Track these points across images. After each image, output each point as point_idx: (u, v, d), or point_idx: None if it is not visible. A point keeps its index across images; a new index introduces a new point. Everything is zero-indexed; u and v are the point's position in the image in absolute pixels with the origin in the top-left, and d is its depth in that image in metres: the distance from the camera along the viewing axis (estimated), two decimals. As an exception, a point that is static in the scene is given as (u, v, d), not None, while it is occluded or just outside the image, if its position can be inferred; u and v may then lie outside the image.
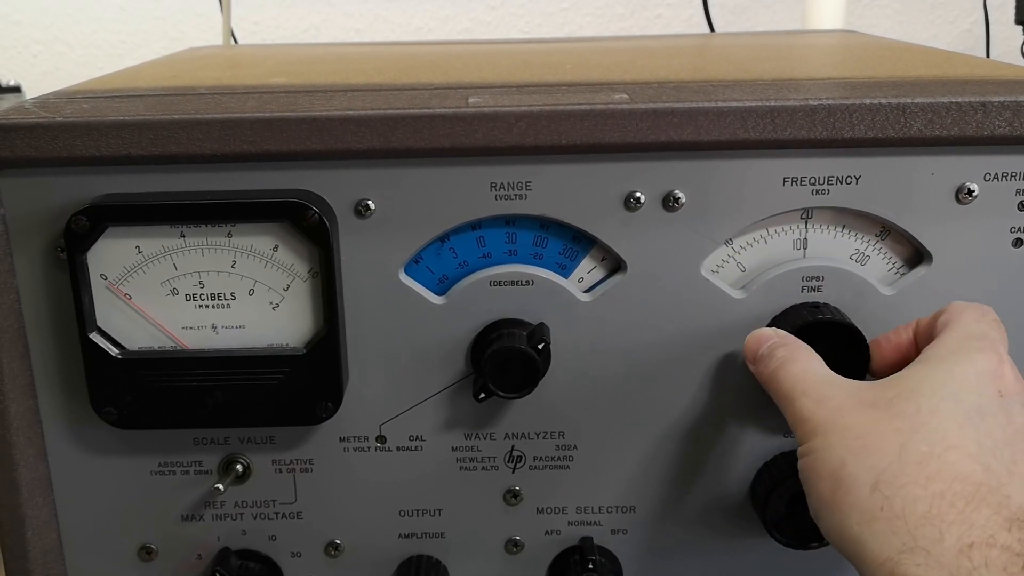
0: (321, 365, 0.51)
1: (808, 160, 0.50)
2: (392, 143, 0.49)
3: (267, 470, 0.56)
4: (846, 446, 0.41)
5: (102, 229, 0.49)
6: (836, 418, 0.43)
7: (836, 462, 0.41)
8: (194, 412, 0.52)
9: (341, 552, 0.58)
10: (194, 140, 0.49)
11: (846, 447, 0.41)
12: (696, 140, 0.49)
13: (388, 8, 1.38)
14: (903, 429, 0.41)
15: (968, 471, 0.39)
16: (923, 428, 0.41)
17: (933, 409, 0.41)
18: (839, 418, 0.43)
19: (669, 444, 0.56)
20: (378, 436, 0.56)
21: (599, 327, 0.53)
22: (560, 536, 0.58)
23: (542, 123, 0.49)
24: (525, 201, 0.51)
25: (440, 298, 0.53)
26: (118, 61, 1.38)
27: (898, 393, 0.43)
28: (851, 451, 0.41)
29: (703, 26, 1.28)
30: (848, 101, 0.49)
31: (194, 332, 0.52)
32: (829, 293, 0.53)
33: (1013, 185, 0.51)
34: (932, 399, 0.42)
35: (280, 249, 0.50)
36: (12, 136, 0.48)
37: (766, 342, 0.50)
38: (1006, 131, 0.49)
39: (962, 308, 0.47)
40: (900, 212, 0.52)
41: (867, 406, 0.43)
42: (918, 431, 0.41)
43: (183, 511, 0.57)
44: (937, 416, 0.41)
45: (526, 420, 0.55)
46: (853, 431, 0.42)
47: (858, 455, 0.41)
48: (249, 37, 1.38)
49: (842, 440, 0.42)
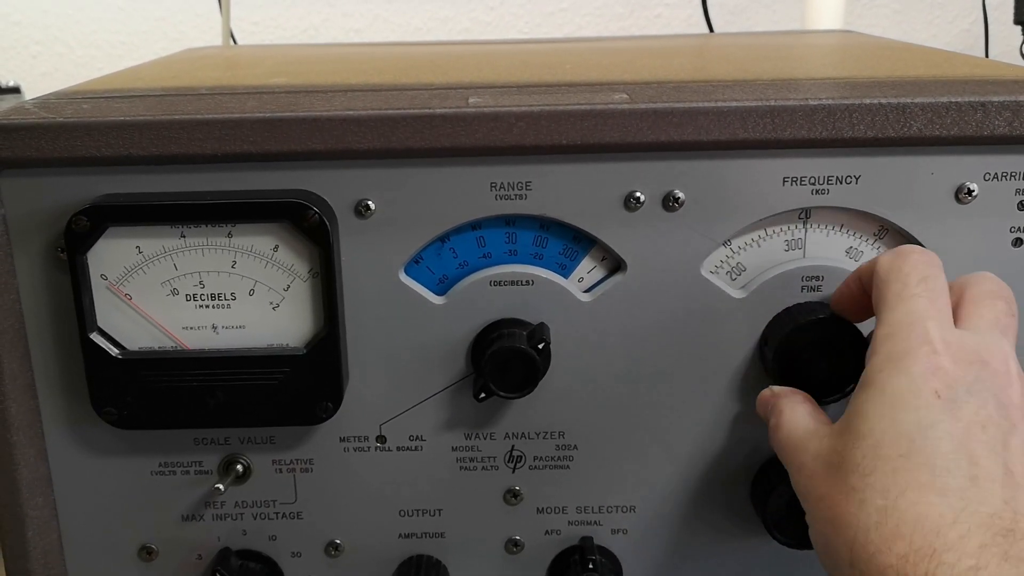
0: (321, 365, 0.51)
1: (808, 160, 0.51)
2: (392, 143, 0.49)
3: (267, 470, 0.56)
4: (824, 519, 0.40)
5: (102, 229, 0.49)
6: (811, 488, 0.42)
7: (822, 539, 0.41)
8: (194, 412, 0.52)
9: (341, 552, 0.58)
10: (195, 140, 0.49)
11: (824, 520, 0.40)
12: (696, 140, 0.49)
13: (387, 8, 1.38)
14: (857, 486, 0.39)
15: (925, 512, 0.37)
16: (873, 476, 0.39)
17: (876, 450, 0.39)
18: (813, 488, 0.42)
19: (669, 444, 0.56)
20: (378, 436, 0.56)
21: (599, 327, 0.53)
22: (560, 536, 0.58)
23: (542, 123, 0.49)
24: (525, 201, 0.51)
25: (440, 298, 0.53)
26: (117, 61, 1.38)
27: (848, 442, 0.41)
28: (828, 524, 0.40)
29: (702, 26, 1.28)
30: (848, 101, 0.49)
31: (194, 332, 0.52)
32: (829, 292, 0.53)
33: (1013, 185, 0.51)
34: (872, 437, 0.40)
35: (280, 249, 0.50)
36: (13, 136, 0.49)
37: (762, 409, 0.50)
38: (1006, 131, 0.49)
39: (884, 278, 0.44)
40: (900, 212, 0.52)
41: (830, 469, 0.41)
42: (871, 484, 0.39)
43: (183, 511, 0.57)
44: (881, 457, 0.39)
45: (526, 420, 0.55)
46: (824, 501, 0.41)
47: (834, 528, 0.40)
48: (248, 37, 1.38)
49: (820, 513, 0.41)
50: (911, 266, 0.44)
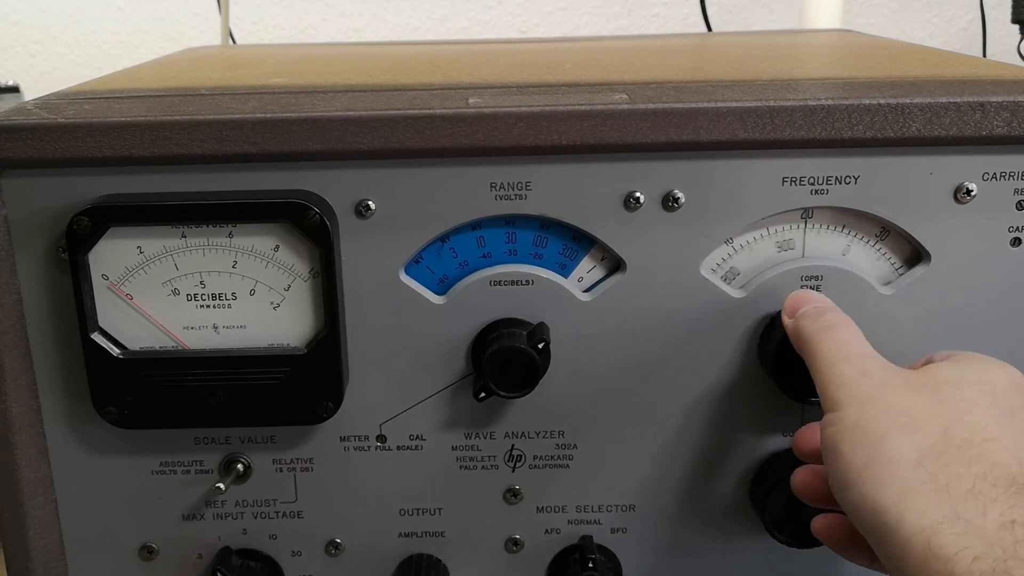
0: (322, 365, 0.52)
1: (807, 160, 0.51)
2: (392, 143, 0.49)
3: (268, 469, 0.56)
4: (891, 420, 0.41)
5: (104, 229, 0.49)
6: (879, 392, 0.43)
7: (877, 434, 0.41)
8: (195, 412, 0.52)
9: (341, 551, 0.58)
10: (195, 141, 0.49)
11: (891, 421, 0.41)
12: (695, 140, 0.49)
13: (386, 7, 1.38)
14: (945, 415, 0.41)
15: (1006, 461, 0.40)
16: (965, 417, 0.41)
17: (974, 401, 0.42)
18: (882, 393, 0.43)
19: (669, 443, 0.56)
20: (378, 435, 0.56)
21: (599, 326, 0.54)
22: (560, 535, 0.58)
23: (542, 123, 0.49)
24: (525, 201, 0.51)
25: (440, 298, 0.53)
26: (116, 61, 1.38)
27: (943, 381, 0.43)
28: (897, 426, 0.41)
29: (700, 25, 1.28)
30: (847, 101, 0.49)
31: (195, 332, 0.52)
32: (828, 292, 0.53)
33: (1011, 184, 0.51)
34: (973, 392, 0.43)
35: (281, 249, 0.50)
36: (14, 137, 0.49)
37: (811, 302, 0.50)
38: (1004, 131, 0.49)
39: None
40: (899, 212, 0.52)
41: (912, 387, 0.43)
42: (961, 419, 0.41)
43: (184, 510, 0.57)
44: (977, 408, 0.42)
45: (526, 419, 0.56)
46: (897, 407, 0.42)
47: (903, 430, 0.41)
48: (247, 37, 1.38)
49: (886, 415, 0.42)
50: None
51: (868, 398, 0.43)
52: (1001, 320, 0.53)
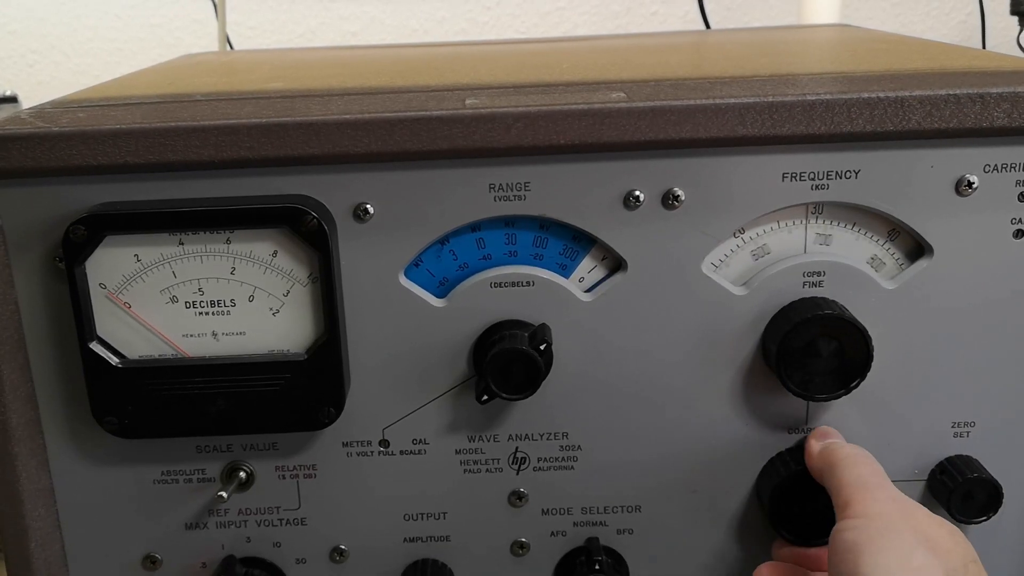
0: (322, 370, 0.51)
1: (807, 155, 0.50)
2: (390, 146, 0.49)
3: (270, 477, 0.56)
4: (923, 546, 0.45)
5: (100, 238, 0.49)
6: (912, 522, 0.46)
7: (904, 552, 0.44)
8: (196, 420, 0.52)
9: (346, 557, 0.58)
10: (192, 147, 0.49)
11: (923, 546, 0.45)
12: (694, 137, 0.49)
13: (384, 10, 1.38)
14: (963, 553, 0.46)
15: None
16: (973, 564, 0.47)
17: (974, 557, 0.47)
18: (914, 522, 0.46)
19: (673, 443, 0.56)
20: (381, 440, 0.55)
21: (601, 326, 0.53)
22: (566, 537, 0.58)
23: (540, 123, 0.49)
24: (524, 202, 0.51)
25: (441, 300, 0.53)
26: (115, 69, 1.38)
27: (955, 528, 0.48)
28: (927, 551, 0.45)
29: (698, 22, 1.28)
30: (846, 96, 0.49)
31: (194, 340, 0.52)
32: (830, 288, 0.52)
33: (1013, 176, 0.51)
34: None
35: (279, 255, 0.50)
36: (9, 146, 0.48)
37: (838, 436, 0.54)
38: (1005, 122, 0.49)
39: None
40: (900, 206, 0.51)
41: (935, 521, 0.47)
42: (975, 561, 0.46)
43: (187, 519, 0.57)
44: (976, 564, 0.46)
45: (529, 421, 0.55)
46: (924, 534, 0.45)
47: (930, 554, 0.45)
48: (245, 42, 1.38)
49: (918, 540, 0.45)
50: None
51: (900, 522, 0.46)
52: (1005, 313, 0.53)
